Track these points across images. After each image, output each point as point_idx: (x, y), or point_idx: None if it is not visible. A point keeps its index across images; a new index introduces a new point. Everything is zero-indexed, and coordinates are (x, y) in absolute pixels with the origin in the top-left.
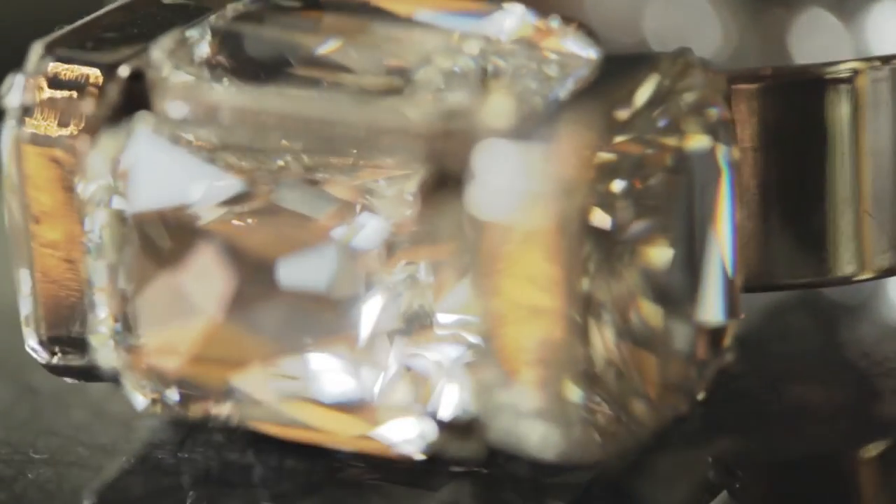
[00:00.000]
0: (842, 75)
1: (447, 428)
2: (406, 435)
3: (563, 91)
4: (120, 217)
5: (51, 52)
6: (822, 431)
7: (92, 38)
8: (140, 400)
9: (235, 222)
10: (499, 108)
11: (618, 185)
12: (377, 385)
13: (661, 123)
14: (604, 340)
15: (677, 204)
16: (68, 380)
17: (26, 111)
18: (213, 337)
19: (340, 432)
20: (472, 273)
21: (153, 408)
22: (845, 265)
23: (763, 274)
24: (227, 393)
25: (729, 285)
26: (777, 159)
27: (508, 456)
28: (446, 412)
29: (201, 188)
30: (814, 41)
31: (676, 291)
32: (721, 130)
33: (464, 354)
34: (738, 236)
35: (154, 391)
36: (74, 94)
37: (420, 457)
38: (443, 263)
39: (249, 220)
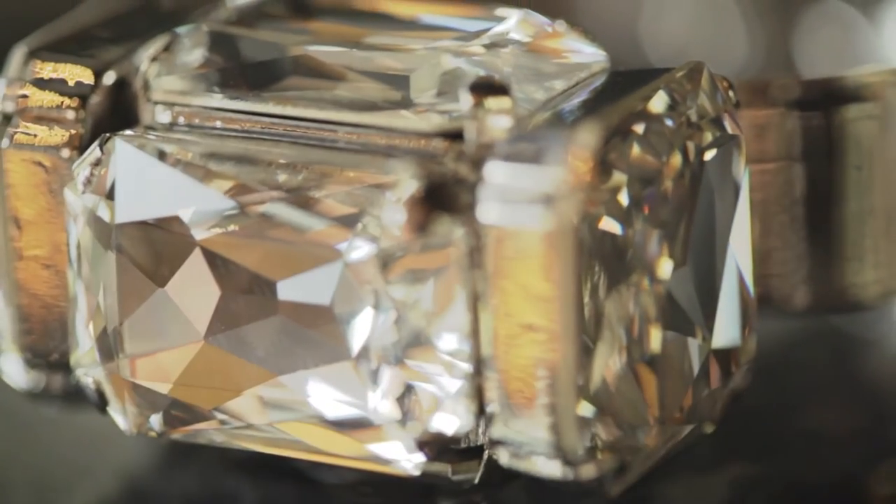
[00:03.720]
0: (862, 85)
1: (446, 447)
2: (403, 453)
3: (572, 101)
4: (104, 230)
5: (34, 55)
6: (837, 457)
7: (77, 39)
8: (125, 423)
9: (226, 238)
10: (499, 116)
11: (626, 198)
12: (374, 403)
13: (673, 135)
14: (611, 361)
15: (689, 218)
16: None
17: (9, 116)
18: (204, 357)
19: (337, 450)
20: (471, 289)
21: (139, 431)
22: (867, 285)
23: (780, 294)
24: (218, 413)
25: (745, 305)
26: (795, 173)
27: (508, 477)
28: (445, 431)
29: (188, 203)
30: (832, 47)
31: (688, 309)
32: (733, 143)
33: (463, 373)
34: (755, 253)
35: (140, 414)
36: (59, 98)
37: (416, 473)
38: (441, 278)
39: (240, 236)
